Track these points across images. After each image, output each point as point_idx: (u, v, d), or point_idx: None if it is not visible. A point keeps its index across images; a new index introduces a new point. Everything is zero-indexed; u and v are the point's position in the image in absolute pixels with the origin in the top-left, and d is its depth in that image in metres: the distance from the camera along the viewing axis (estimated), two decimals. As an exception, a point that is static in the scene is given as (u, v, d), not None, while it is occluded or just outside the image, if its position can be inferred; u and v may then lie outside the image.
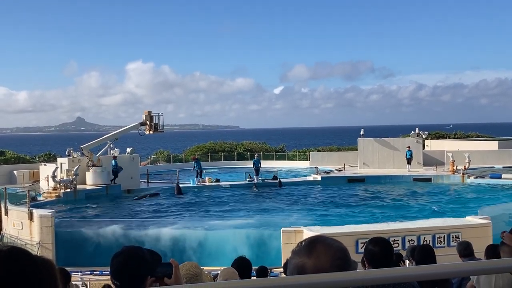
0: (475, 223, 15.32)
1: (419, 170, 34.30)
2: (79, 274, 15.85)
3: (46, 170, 31.96)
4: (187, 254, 18.33)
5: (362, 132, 37.47)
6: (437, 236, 14.54)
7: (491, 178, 30.86)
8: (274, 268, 13.65)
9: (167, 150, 57.28)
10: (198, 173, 32.47)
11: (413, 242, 13.84)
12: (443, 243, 14.48)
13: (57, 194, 26.71)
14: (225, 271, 5.44)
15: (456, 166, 32.30)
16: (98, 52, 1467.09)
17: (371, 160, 35.97)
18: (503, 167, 35.13)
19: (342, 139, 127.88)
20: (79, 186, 28.56)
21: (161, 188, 31.33)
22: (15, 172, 35.22)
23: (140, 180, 32.95)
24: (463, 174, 31.56)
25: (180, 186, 30.85)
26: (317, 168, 36.12)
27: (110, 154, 31.66)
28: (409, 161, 34.48)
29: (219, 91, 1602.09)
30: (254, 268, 7.79)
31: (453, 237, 14.54)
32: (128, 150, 32.40)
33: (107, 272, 14.19)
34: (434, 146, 44.10)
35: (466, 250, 7.02)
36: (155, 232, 19.98)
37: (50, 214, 20.46)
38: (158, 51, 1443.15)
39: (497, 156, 38.17)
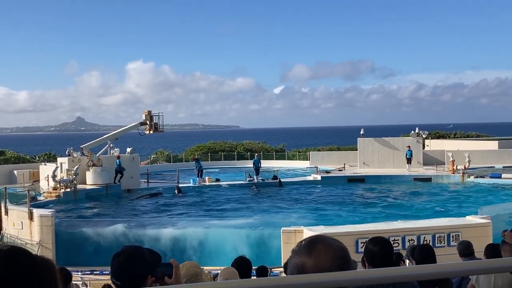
0: (475, 223, 15.31)
1: (419, 170, 34.29)
2: (79, 273, 15.86)
3: (46, 170, 31.99)
4: (187, 253, 18.33)
5: (362, 132, 37.44)
6: (437, 235, 14.55)
7: (491, 177, 30.85)
8: (274, 268, 13.66)
9: (167, 149, 57.34)
10: (198, 172, 32.47)
11: (413, 241, 13.85)
12: (443, 242, 14.48)
13: (57, 194, 26.69)
14: (225, 270, 5.44)
15: (456, 166, 32.29)
16: (98, 51, 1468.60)
17: (371, 160, 35.97)
18: (503, 167, 35.14)
19: (342, 138, 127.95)
20: (79, 186, 28.56)
21: (161, 187, 31.36)
22: (15, 172, 35.24)
23: (140, 179, 32.97)
24: (463, 173, 31.55)
25: (180, 186, 30.87)
26: (317, 167, 36.13)
27: (110, 153, 31.68)
28: (409, 160, 34.47)
29: (219, 91, 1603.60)
30: (254, 267, 7.79)
31: (453, 236, 14.54)
32: (128, 149, 32.43)
33: (107, 271, 14.21)
34: (434, 145, 44.11)
35: (466, 250, 7.02)
36: (155, 232, 19.97)
37: (50, 213, 20.45)
38: (159, 51, 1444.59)
39: (497, 156, 38.18)
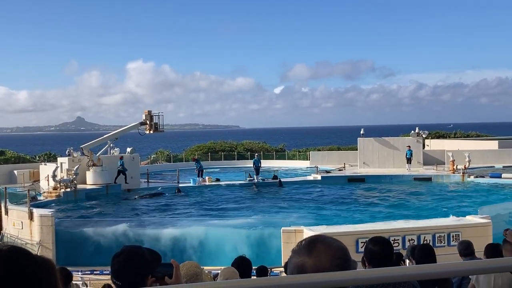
0: (475, 223, 15.31)
1: (419, 170, 34.29)
2: (79, 273, 15.86)
3: (46, 169, 31.99)
4: (187, 253, 18.33)
5: (362, 132, 37.44)
6: (437, 235, 14.55)
7: (491, 177, 30.85)
8: (274, 268, 13.67)
9: (167, 149, 57.36)
10: (198, 172, 32.47)
11: (413, 241, 13.85)
12: (443, 242, 14.48)
13: (57, 194, 26.69)
14: (225, 270, 5.44)
15: (456, 166, 32.29)
16: (98, 51, 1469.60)
17: (371, 160, 35.97)
18: (503, 167, 35.14)
19: (342, 138, 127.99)
20: (79, 186, 28.56)
21: (161, 187, 31.36)
22: (15, 171, 35.23)
23: (140, 179, 32.98)
24: (463, 173, 31.54)
25: (180, 186, 30.86)
26: (317, 167, 36.12)
27: (110, 153, 31.69)
28: (409, 160, 34.47)
29: (219, 90, 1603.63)
30: (254, 267, 7.79)
31: (453, 236, 14.54)
32: (128, 149, 32.43)
33: (107, 271, 14.22)
34: (434, 145, 44.11)
35: (467, 250, 7.02)
36: (155, 232, 19.97)
37: (50, 213, 20.45)
38: (159, 51, 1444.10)
39: (497, 156, 38.17)
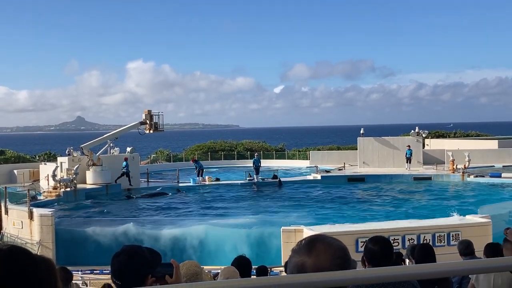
0: (475, 222, 15.31)
1: (419, 169, 34.30)
2: (79, 273, 15.86)
3: (46, 169, 31.98)
4: (187, 253, 18.34)
5: (362, 131, 37.45)
6: (437, 235, 14.54)
7: (491, 177, 30.86)
8: (274, 267, 13.67)
9: (167, 149, 57.34)
10: (198, 172, 32.48)
11: (413, 241, 13.85)
12: (443, 242, 14.48)
13: (57, 193, 26.69)
14: (225, 270, 5.44)
15: (456, 165, 32.30)
16: (98, 51, 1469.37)
17: (371, 159, 35.97)
18: (503, 166, 35.16)
19: (342, 138, 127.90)
20: (79, 185, 28.55)
21: (160, 187, 31.35)
22: (15, 171, 35.22)
23: (140, 179, 32.97)
24: (463, 173, 31.55)
25: (179, 186, 30.85)
26: (317, 167, 36.11)
27: (110, 153, 31.69)
28: (409, 160, 34.48)
29: (219, 90, 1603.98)
30: (254, 267, 7.79)
31: (453, 236, 14.54)
32: (128, 149, 32.43)
33: (107, 271, 14.22)
34: (434, 145, 44.12)
35: (467, 249, 7.02)
36: (155, 231, 19.97)
37: (50, 213, 20.45)
38: (159, 50, 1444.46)
39: (497, 155, 38.18)
